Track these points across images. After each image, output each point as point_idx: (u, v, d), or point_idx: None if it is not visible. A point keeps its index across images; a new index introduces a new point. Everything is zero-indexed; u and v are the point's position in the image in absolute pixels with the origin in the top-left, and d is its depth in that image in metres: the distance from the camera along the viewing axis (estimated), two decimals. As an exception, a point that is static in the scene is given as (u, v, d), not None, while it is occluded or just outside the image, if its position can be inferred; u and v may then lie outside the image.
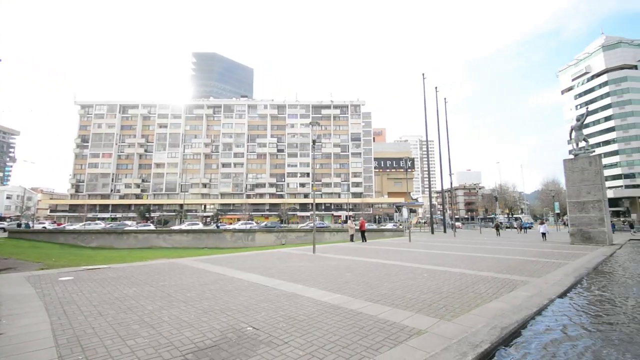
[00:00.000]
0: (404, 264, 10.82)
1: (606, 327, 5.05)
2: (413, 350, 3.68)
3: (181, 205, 70.99)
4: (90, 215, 69.92)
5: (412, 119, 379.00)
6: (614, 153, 74.87)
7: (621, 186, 73.10)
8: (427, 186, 40.81)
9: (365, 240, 21.46)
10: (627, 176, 73.40)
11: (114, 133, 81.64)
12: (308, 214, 74.33)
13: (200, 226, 51.05)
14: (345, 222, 61.82)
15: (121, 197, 78.28)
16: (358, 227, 22.67)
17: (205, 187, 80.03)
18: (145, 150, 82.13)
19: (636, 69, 76.48)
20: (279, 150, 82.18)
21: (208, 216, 75.08)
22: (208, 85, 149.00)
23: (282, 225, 60.07)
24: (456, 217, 76.99)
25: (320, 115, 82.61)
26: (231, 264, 10.97)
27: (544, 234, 23.71)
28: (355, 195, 79.04)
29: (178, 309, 5.40)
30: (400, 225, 48.42)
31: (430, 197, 39.90)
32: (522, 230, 37.17)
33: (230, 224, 62.79)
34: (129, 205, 76.16)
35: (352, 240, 21.62)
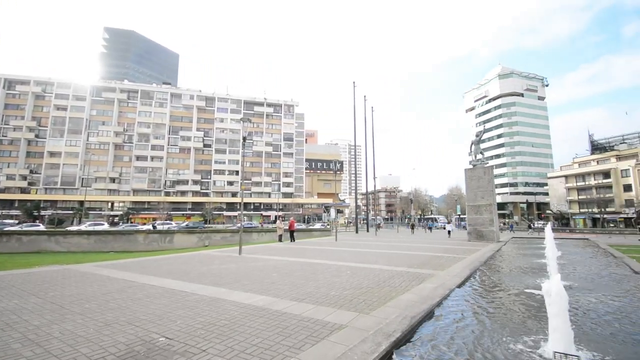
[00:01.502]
0: (330, 263, 11.20)
1: (493, 308, 6.01)
2: (333, 345, 3.82)
3: (81, 202, 60.13)
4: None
5: (343, 125, 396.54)
6: (503, 165, 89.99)
7: (507, 193, 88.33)
8: (354, 188, 43.11)
9: (294, 240, 21.61)
10: (511, 185, 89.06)
11: (-8, 112, 66.17)
12: (235, 213, 71.60)
13: (105, 227, 44.56)
14: (275, 222, 61.37)
15: (1, 191, 63.57)
16: (287, 227, 22.70)
17: (114, 181, 70.29)
18: (37, 136, 68.37)
19: (522, 96, 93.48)
20: (205, 145, 77.19)
21: (116, 215, 66.26)
22: (122, 66, 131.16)
23: (206, 225, 56.57)
24: (379, 217, 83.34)
25: (252, 112, 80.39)
26: (143, 269, 9.87)
27: (449, 232, 27.76)
28: (285, 195, 79.15)
29: (73, 323, 4.62)
30: (328, 225, 50.07)
31: (356, 199, 42.30)
32: (428, 229, 41.64)
33: (144, 224, 56.49)
34: (11, 201, 62.54)
35: (280, 240, 21.54)
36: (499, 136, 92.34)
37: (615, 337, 4.54)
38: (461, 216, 56.91)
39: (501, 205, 78.28)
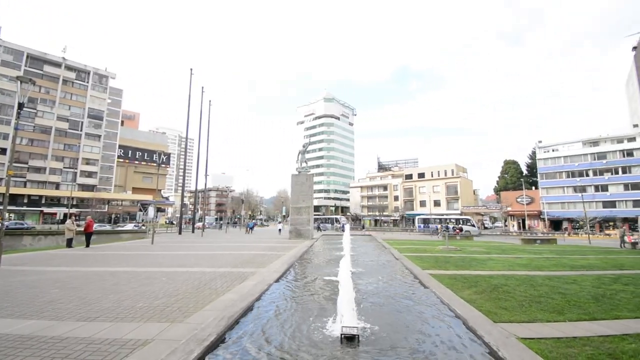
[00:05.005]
0: (140, 270, 9.65)
1: (301, 296, 6.87)
2: (133, 366, 3.28)
3: None
4: None
5: (178, 114, 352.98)
6: (321, 174, 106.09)
7: (322, 197, 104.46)
8: (182, 185, 39.27)
9: (89, 245, 17.24)
10: (325, 191, 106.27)
11: None
12: (-7, 209, 49.91)
13: None
14: (63, 221, 46.90)
15: None
16: (83, 229, 17.89)
17: None
18: None
19: (339, 119, 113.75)
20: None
21: None
22: None
23: None
24: (208, 217, 79.22)
25: (41, 72, 58.99)
26: None
27: (280, 230, 30.99)
28: (85, 187, 62.24)
29: None
30: (144, 225, 43.30)
31: (183, 197, 38.67)
32: (249, 230, 38.81)
33: None
34: None
35: (70, 245, 16.66)
36: (320, 149, 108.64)
37: (382, 309, 6.16)
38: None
39: (317, 208, 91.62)
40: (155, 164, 74.13)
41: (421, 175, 77.58)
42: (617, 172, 52.40)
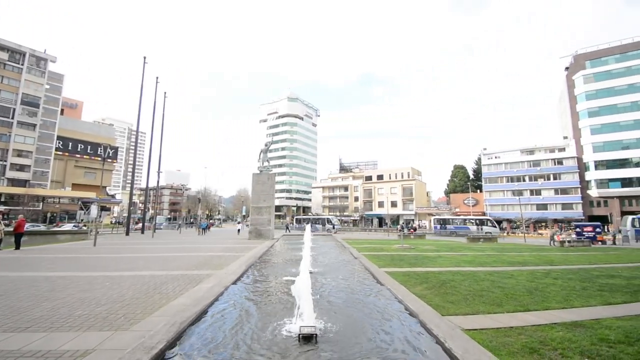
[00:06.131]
0: (80, 274, 8.83)
1: (260, 298, 6.74)
2: (69, 380, 2.98)
3: None
4: None
5: (130, 106, 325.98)
6: (283, 174, 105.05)
7: (284, 197, 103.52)
8: (131, 181, 36.57)
9: (19, 247, 15.38)
10: (287, 191, 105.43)
11: None
12: None
13: None
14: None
15: None
16: (13, 229, 15.87)
17: None
18: None
19: (302, 120, 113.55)
20: None
21: None
22: None
23: None
24: (163, 217, 74.48)
25: (-42, 49, 51.32)
26: None
27: (239, 230, 30.22)
28: (17, 182, 55.32)
29: None
30: (85, 226, 39.62)
31: (132, 194, 36.03)
32: (202, 231, 36.08)
33: None
34: None
35: (-5, 247, 14.69)
36: (283, 149, 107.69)
37: (340, 307, 6.26)
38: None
39: (278, 208, 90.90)
40: (100, 159, 67.97)
41: (380, 177, 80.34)
42: (549, 178, 58.85)
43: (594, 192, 53.29)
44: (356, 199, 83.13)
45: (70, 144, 67.81)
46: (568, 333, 4.49)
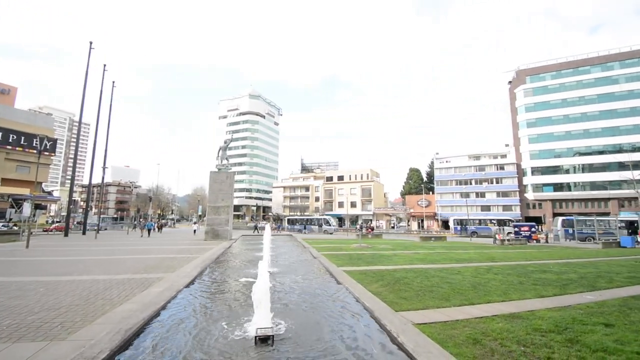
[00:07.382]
0: (9, 279, 7.86)
1: (213, 301, 6.52)
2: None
3: None
4: None
5: (73, 95, 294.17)
6: (243, 172, 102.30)
7: (243, 197, 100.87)
8: (71, 177, 33.26)
9: None
10: (247, 190, 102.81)
11: None
12: None
13: None
14: None
15: None
16: None
17: None
18: None
19: (264, 118, 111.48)
20: None
21: None
22: None
23: None
24: (108, 216, 68.35)
25: None
26: None
27: (195, 231, 29.18)
28: None
29: None
30: (16, 226, 35.28)
31: (72, 191, 32.73)
32: (147, 232, 31.36)
33: None
34: None
35: None
36: (244, 147, 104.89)
37: (298, 307, 6.27)
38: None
39: (237, 207, 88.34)
40: (35, 151, 60.64)
41: (340, 178, 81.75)
42: (492, 182, 64.28)
43: (530, 195, 59.28)
44: (317, 199, 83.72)
45: (1, 133, 59.50)
46: (507, 324, 4.96)
